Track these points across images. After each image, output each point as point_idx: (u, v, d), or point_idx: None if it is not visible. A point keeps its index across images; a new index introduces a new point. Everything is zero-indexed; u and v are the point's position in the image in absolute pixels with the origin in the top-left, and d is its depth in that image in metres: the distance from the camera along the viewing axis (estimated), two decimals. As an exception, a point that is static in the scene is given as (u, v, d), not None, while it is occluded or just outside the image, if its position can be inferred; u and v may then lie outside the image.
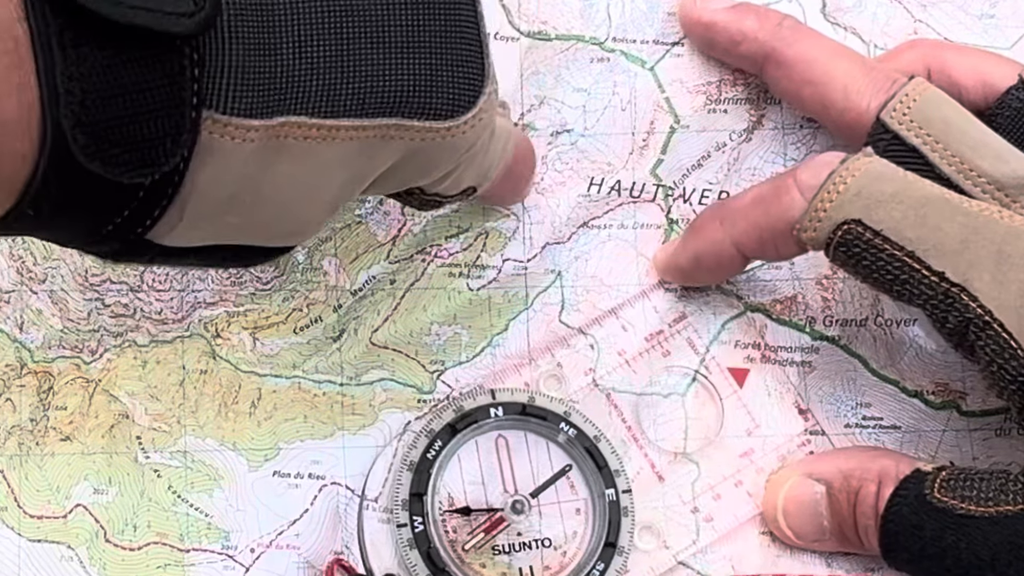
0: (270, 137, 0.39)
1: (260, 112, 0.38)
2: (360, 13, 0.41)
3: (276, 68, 0.39)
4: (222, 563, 0.56)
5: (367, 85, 0.41)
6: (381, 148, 0.43)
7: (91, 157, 0.35)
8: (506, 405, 0.57)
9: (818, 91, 0.56)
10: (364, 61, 0.41)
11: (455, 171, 0.47)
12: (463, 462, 0.57)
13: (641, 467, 0.57)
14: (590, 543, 0.56)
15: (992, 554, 0.49)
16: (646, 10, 0.61)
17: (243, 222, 0.42)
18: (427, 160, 0.45)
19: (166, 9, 0.35)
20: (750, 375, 0.59)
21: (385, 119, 0.42)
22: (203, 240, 0.42)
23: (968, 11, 0.62)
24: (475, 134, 0.46)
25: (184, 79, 0.36)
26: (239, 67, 0.38)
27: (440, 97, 0.43)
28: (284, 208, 0.42)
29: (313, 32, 0.40)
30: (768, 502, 0.57)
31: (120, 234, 0.39)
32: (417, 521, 0.55)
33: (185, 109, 0.36)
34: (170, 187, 0.38)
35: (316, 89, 0.40)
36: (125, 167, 0.36)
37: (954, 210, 0.49)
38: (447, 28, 0.43)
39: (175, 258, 0.42)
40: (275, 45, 0.39)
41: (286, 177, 0.41)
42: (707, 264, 0.56)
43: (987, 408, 0.59)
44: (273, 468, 0.57)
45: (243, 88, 0.38)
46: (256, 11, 0.38)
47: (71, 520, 0.56)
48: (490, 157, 0.50)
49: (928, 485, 0.51)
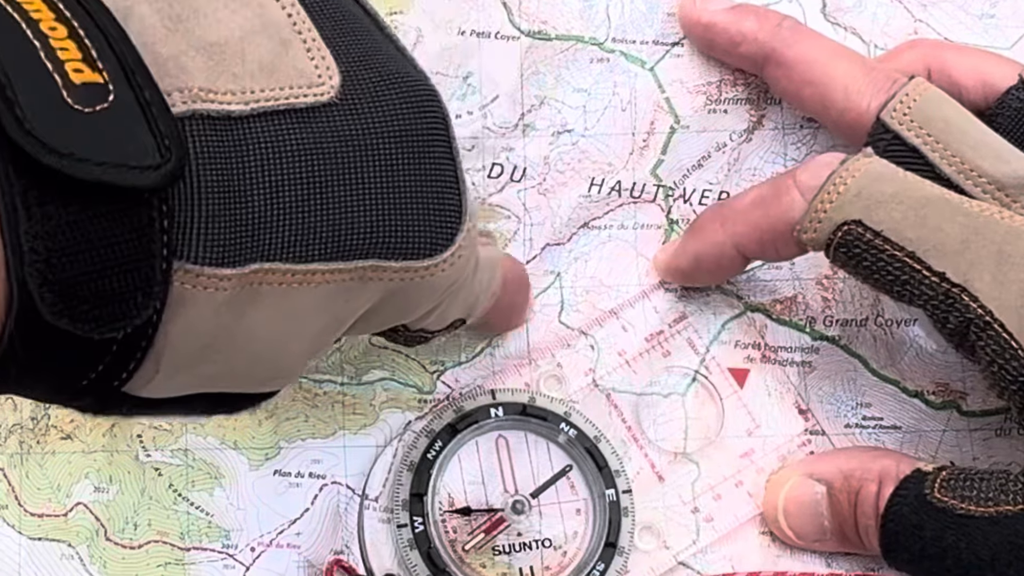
0: (244, 285, 0.38)
1: (232, 260, 0.37)
2: (331, 155, 0.40)
3: (247, 215, 0.38)
4: (222, 562, 0.56)
5: (341, 228, 0.40)
6: (359, 290, 0.42)
7: (58, 315, 0.34)
8: (506, 405, 0.57)
9: (818, 91, 0.56)
10: (337, 203, 0.40)
11: (438, 308, 0.47)
12: (463, 462, 0.57)
13: (641, 467, 0.57)
14: (590, 543, 0.56)
15: (992, 554, 0.49)
16: (646, 11, 0.61)
17: (221, 371, 0.40)
18: (407, 300, 0.44)
19: (131, 163, 0.34)
20: (750, 375, 0.59)
21: (361, 261, 0.41)
22: (182, 390, 0.40)
23: (968, 11, 0.62)
24: (455, 271, 0.45)
25: (153, 231, 0.35)
26: (209, 216, 0.37)
27: (417, 236, 0.42)
28: (262, 355, 0.41)
29: (283, 176, 0.38)
30: (769, 502, 0.57)
31: (95, 389, 0.37)
32: (417, 521, 0.55)
33: (155, 261, 0.35)
34: (144, 340, 0.37)
35: (289, 234, 0.39)
36: (95, 323, 0.35)
37: (954, 210, 0.49)
38: (421, 166, 0.42)
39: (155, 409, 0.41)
40: (245, 191, 0.38)
41: (262, 324, 0.40)
42: (707, 265, 0.56)
43: (987, 408, 0.59)
44: (274, 467, 0.57)
45: (214, 237, 0.37)
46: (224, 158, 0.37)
47: (72, 518, 0.56)
48: (475, 290, 0.49)
49: (928, 485, 0.51)
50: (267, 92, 0.39)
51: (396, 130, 0.42)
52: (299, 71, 0.40)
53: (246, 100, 0.38)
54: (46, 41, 0.34)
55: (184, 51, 0.38)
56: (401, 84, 0.42)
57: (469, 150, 0.60)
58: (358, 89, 0.41)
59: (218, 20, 0.39)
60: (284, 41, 0.40)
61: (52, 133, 0.33)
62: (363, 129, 0.41)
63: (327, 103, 0.40)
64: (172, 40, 0.38)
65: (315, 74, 0.40)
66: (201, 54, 0.38)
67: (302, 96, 0.39)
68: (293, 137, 0.39)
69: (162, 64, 0.37)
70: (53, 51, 0.34)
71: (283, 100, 0.39)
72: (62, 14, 0.35)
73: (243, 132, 0.38)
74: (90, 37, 0.35)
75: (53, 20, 0.35)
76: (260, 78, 0.39)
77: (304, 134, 0.39)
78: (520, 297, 0.57)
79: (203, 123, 0.37)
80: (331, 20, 0.42)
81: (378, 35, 0.44)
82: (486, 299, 0.51)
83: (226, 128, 0.38)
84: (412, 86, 0.43)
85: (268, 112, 0.39)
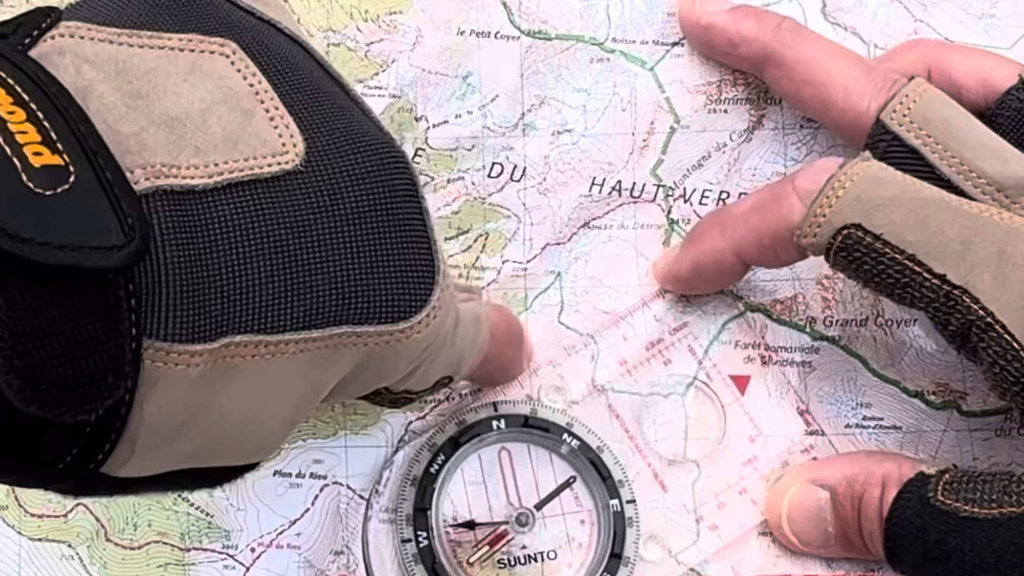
0: (216, 359, 0.38)
1: (202, 336, 0.37)
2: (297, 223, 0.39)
3: (214, 289, 0.37)
4: (222, 562, 0.56)
5: (312, 296, 0.40)
6: (334, 357, 0.41)
7: (27, 401, 0.33)
8: (508, 417, 0.57)
9: (818, 92, 0.56)
10: (306, 272, 0.39)
11: (419, 368, 0.46)
12: (466, 475, 0.57)
13: (644, 477, 0.57)
14: (595, 554, 0.56)
15: (996, 556, 0.49)
16: (646, 10, 0.61)
17: (198, 448, 0.40)
18: (384, 363, 0.44)
19: (93, 244, 0.34)
20: (751, 381, 0.59)
21: (334, 328, 0.40)
22: (161, 468, 0.40)
23: (968, 11, 0.62)
24: (432, 332, 0.44)
25: (120, 311, 0.35)
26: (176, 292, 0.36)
27: (390, 300, 0.42)
28: (239, 429, 0.41)
29: (250, 248, 0.38)
30: (772, 509, 0.57)
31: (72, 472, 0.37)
32: (421, 536, 0.55)
33: (124, 341, 0.35)
34: (117, 420, 0.36)
35: (258, 306, 0.38)
36: (65, 407, 0.34)
37: (954, 212, 0.49)
38: (391, 229, 0.42)
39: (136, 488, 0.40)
40: (211, 265, 0.37)
41: (237, 398, 0.39)
42: (707, 272, 0.56)
43: (988, 408, 0.59)
44: (274, 468, 0.57)
45: (182, 313, 0.36)
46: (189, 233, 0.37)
47: (72, 519, 0.56)
48: (458, 348, 0.48)
49: (931, 488, 0.51)
50: (230, 163, 0.38)
51: (363, 194, 0.41)
52: (262, 140, 0.39)
53: (209, 173, 0.38)
54: (3, 125, 0.34)
55: (145, 127, 0.37)
56: (366, 148, 0.42)
57: (469, 150, 0.60)
58: (323, 155, 0.41)
59: (178, 94, 0.38)
60: (246, 111, 0.40)
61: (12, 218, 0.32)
62: (329, 195, 0.40)
63: (292, 171, 0.40)
64: (132, 117, 0.37)
65: (279, 142, 0.40)
66: (162, 129, 0.38)
67: (266, 166, 0.39)
68: (258, 208, 0.39)
69: (123, 141, 0.37)
70: (11, 135, 0.34)
71: (247, 171, 0.39)
72: (20, 97, 0.35)
73: (207, 206, 0.38)
74: (49, 119, 0.35)
75: (10, 104, 0.35)
76: (223, 150, 0.38)
77: (269, 204, 0.39)
78: (511, 349, 0.56)
79: (167, 199, 0.37)
80: (293, 87, 0.42)
81: (343, 99, 0.43)
82: (473, 355, 0.50)
83: (190, 203, 0.37)
84: (377, 149, 0.42)
85: (232, 184, 0.38)
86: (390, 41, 0.60)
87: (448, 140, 0.59)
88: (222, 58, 0.40)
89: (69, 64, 0.37)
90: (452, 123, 0.60)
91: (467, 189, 0.59)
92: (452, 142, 0.60)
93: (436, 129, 0.60)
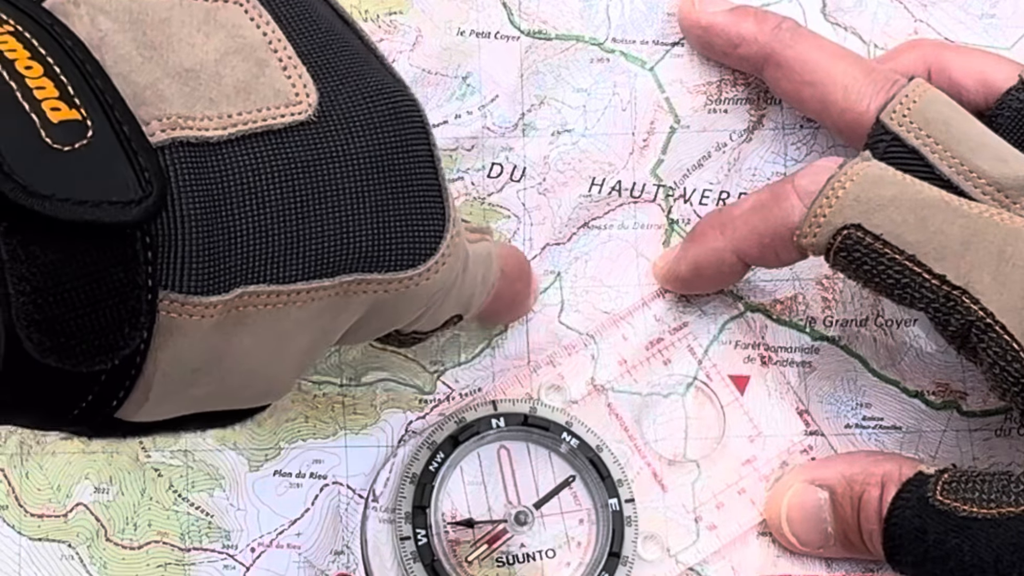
0: (229, 309, 0.38)
1: (216, 287, 0.37)
2: (310, 174, 0.40)
3: (229, 241, 0.38)
4: (223, 562, 0.56)
5: (323, 245, 0.40)
6: (345, 305, 0.42)
7: (46, 353, 0.34)
8: (508, 416, 0.57)
9: (818, 92, 0.56)
10: (318, 222, 0.40)
11: (428, 311, 0.46)
12: (465, 474, 0.57)
13: (643, 476, 0.57)
14: (594, 553, 0.56)
15: (995, 556, 0.49)
16: (645, 11, 0.61)
17: (211, 392, 0.40)
18: (394, 309, 0.44)
19: (112, 199, 0.34)
20: (751, 381, 0.59)
21: (345, 276, 0.41)
22: (174, 412, 0.41)
23: (968, 11, 0.62)
24: (441, 278, 0.45)
25: (137, 264, 0.35)
26: (191, 245, 0.37)
27: (400, 248, 0.42)
28: (251, 376, 0.41)
29: (263, 200, 0.39)
30: (771, 510, 0.57)
31: (87, 417, 0.38)
32: (420, 534, 0.55)
33: (140, 293, 0.36)
34: (132, 369, 0.37)
35: (271, 256, 0.39)
36: (82, 357, 0.35)
37: (954, 213, 0.49)
38: (402, 177, 0.42)
39: (147, 431, 0.41)
40: (226, 217, 0.38)
41: (250, 346, 0.40)
42: (707, 272, 0.56)
43: (987, 408, 0.59)
44: (274, 468, 0.57)
45: (197, 265, 0.37)
46: (204, 185, 0.37)
47: (72, 519, 0.56)
48: (467, 289, 0.48)
49: (930, 488, 0.51)
50: (244, 115, 0.39)
51: (375, 143, 0.42)
52: (276, 91, 0.40)
53: (223, 125, 0.38)
54: (22, 81, 0.34)
55: (160, 79, 0.38)
56: (379, 96, 0.42)
57: (469, 150, 0.60)
58: (336, 105, 0.41)
59: (192, 45, 0.39)
60: (260, 61, 0.40)
61: (32, 175, 0.33)
62: (342, 145, 0.41)
63: (305, 121, 0.40)
64: (147, 68, 0.38)
65: (292, 92, 0.40)
66: (177, 81, 0.38)
67: (280, 116, 0.39)
68: (272, 160, 0.39)
69: (139, 93, 0.37)
70: (29, 91, 0.34)
71: (261, 122, 0.39)
72: (37, 52, 0.35)
73: (222, 158, 0.38)
74: (66, 73, 0.35)
75: (28, 59, 0.35)
76: (237, 101, 0.39)
77: (283, 155, 0.39)
78: (520, 285, 0.57)
79: (182, 151, 0.37)
80: (307, 36, 0.42)
81: (356, 45, 0.44)
82: (483, 293, 0.51)
83: (205, 155, 0.38)
84: (390, 97, 0.43)
85: (246, 136, 0.39)
86: (390, 41, 0.60)
87: (448, 140, 0.59)
88: (236, 7, 0.40)
89: (84, 15, 0.37)
90: (452, 123, 0.60)
91: (467, 189, 0.59)
92: (452, 142, 0.60)
93: (436, 129, 0.59)
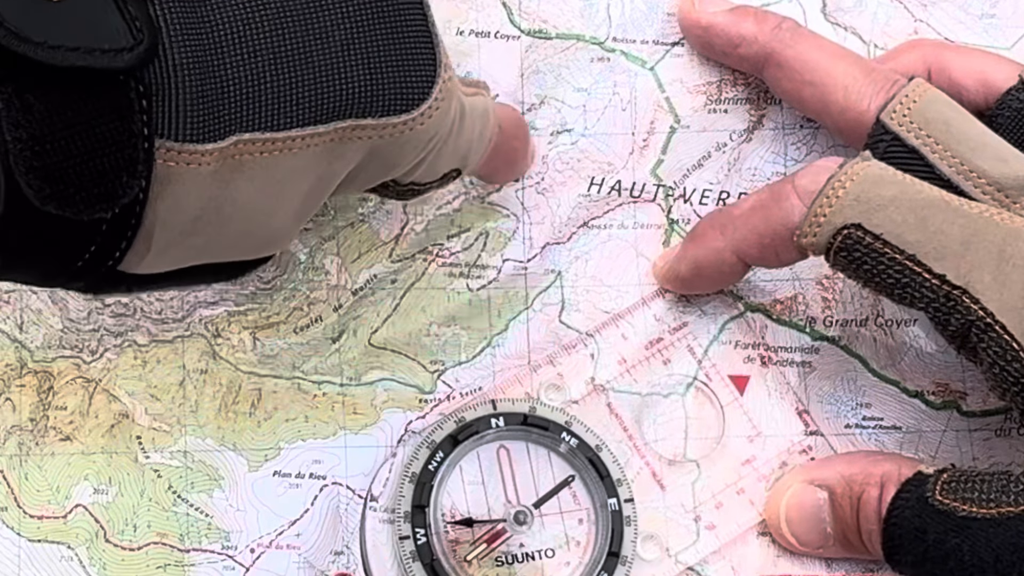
0: (226, 157, 0.39)
1: (212, 135, 0.38)
2: (299, 19, 0.41)
3: (222, 88, 0.39)
4: (222, 563, 0.56)
5: (317, 91, 0.41)
6: (341, 151, 0.43)
7: (46, 200, 0.35)
8: (507, 415, 0.57)
9: (818, 92, 0.56)
10: (310, 67, 0.41)
11: (425, 160, 0.47)
12: (465, 473, 0.57)
13: (643, 476, 0.57)
14: (593, 553, 0.56)
15: (995, 556, 0.49)
16: (646, 10, 0.61)
17: (211, 242, 0.42)
18: (390, 155, 0.45)
19: (104, 47, 0.35)
20: (751, 381, 0.59)
21: (339, 122, 0.42)
22: (175, 264, 0.42)
23: (968, 11, 0.62)
24: (436, 123, 0.45)
25: (132, 112, 0.36)
26: (185, 93, 0.38)
27: (392, 92, 0.43)
28: (250, 224, 0.42)
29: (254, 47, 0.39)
30: (771, 510, 0.57)
31: (90, 269, 0.39)
32: (419, 533, 0.55)
33: (137, 141, 0.36)
34: (132, 218, 0.38)
35: (265, 103, 0.40)
36: (82, 205, 0.36)
37: (954, 212, 0.49)
38: (391, 21, 0.43)
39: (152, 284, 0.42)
40: (218, 65, 0.39)
41: (248, 194, 0.41)
42: (708, 272, 0.56)
43: (987, 408, 0.59)
44: (273, 468, 0.57)
45: (192, 113, 0.38)
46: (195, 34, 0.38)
47: (71, 520, 0.56)
48: (464, 139, 0.49)
49: (930, 488, 0.51)
50: None
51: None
52: None
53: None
54: None
55: None
56: None
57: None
58: None
59: None
60: None
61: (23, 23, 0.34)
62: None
63: None
64: None
65: None
66: None
67: None
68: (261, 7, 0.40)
69: None
70: None
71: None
72: None
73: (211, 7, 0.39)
74: None
75: None
76: None
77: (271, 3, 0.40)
78: (518, 142, 0.57)
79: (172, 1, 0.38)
80: None
81: None
82: (481, 147, 0.51)
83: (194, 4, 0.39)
84: None
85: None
86: (390, 41, 0.60)
87: (448, 140, 0.59)
88: None
89: None
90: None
91: (466, 188, 0.59)
92: (452, 142, 0.59)
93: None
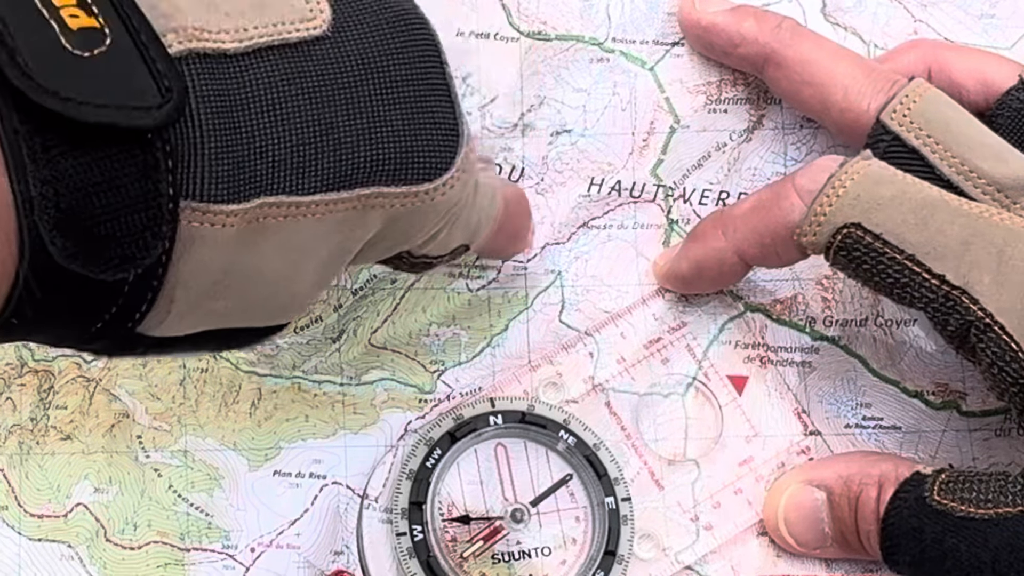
0: (249, 220, 0.39)
1: (237, 196, 0.38)
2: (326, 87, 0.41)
3: (248, 150, 0.39)
4: (222, 562, 0.56)
5: (341, 158, 0.41)
6: (362, 218, 0.43)
7: (70, 258, 0.35)
8: (505, 413, 0.57)
9: (818, 92, 0.56)
10: (336, 133, 0.41)
11: (441, 231, 0.47)
12: (462, 470, 0.57)
13: (640, 475, 0.57)
14: (589, 551, 0.56)
15: (993, 556, 0.49)
16: (646, 10, 0.61)
17: (232, 306, 0.41)
18: (410, 224, 0.45)
19: (132, 103, 0.35)
20: (749, 382, 0.59)
21: (363, 189, 0.42)
22: (194, 328, 0.41)
23: (968, 11, 0.62)
24: (456, 193, 0.45)
25: (159, 171, 0.36)
26: (211, 153, 0.38)
27: (416, 161, 0.43)
28: (271, 289, 0.42)
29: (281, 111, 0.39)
30: (769, 510, 0.57)
31: (110, 331, 0.38)
32: (416, 530, 0.55)
33: (162, 201, 0.36)
34: (154, 279, 0.38)
35: (290, 166, 0.40)
36: (106, 264, 0.36)
37: (954, 212, 0.49)
38: (416, 92, 0.43)
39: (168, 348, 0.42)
40: (245, 127, 0.39)
41: (270, 257, 0.41)
42: (708, 272, 0.56)
43: (987, 408, 0.59)
44: (273, 468, 0.57)
45: (218, 174, 0.38)
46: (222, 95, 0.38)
47: (71, 519, 0.56)
48: (476, 213, 0.49)
49: (928, 488, 0.51)
50: (260, 28, 0.39)
51: (388, 58, 0.42)
52: (290, 6, 0.40)
53: (240, 38, 0.39)
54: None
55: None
56: (391, 14, 0.43)
57: (469, 150, 0.60)
58: (349, 21, 0.42)
59: None
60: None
61: (53, 78, 0.34)
62: (356, 60, 0.42)
63: (320, 36, 0.41)
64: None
65: (306, 9, 0.41)
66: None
67: (294, 31, 0.40)
68: (288, 71, 0.40)
69: (156, 5, 0.38)
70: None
71: (276, 36, 0.40)
72: None
73: (239, 69, 0.39)
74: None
75: None
76: (252, 15, 0.39)
77: (299, 69, 0.40)
78: (522, 220, 0.57)
79: (200, 62, 0.38)
80: None
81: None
82: (488, 223, 0.51)
83: (223, 66, 0.39)
84: (402, 15, 0.44)
85: (262, 48, 0.39)
86: (390, 41, 0.60)
87: (448, 140, 0.59)
88: None
89: None
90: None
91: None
92: (452, 142, 0.59)
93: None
